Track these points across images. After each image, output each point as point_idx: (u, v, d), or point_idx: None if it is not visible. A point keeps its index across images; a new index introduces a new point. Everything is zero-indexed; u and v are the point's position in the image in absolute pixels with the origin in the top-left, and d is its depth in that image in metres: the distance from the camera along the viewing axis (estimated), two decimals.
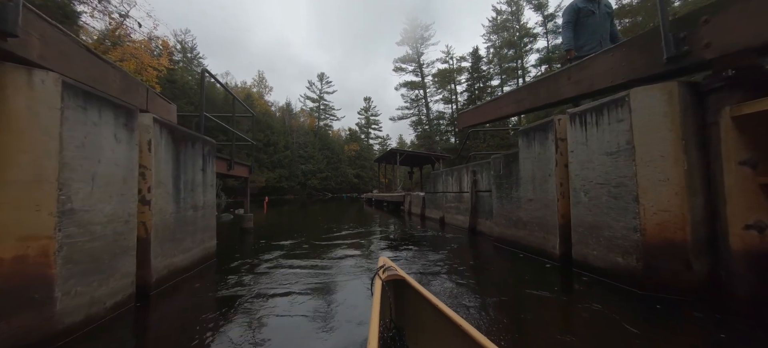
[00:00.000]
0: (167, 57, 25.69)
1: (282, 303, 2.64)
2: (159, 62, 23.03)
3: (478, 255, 4.67)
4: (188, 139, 3.65)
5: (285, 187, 47.09)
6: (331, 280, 3.36)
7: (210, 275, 3.66)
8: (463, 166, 7.19)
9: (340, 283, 3.25)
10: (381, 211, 15.87)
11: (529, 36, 42.75)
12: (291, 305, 2.59)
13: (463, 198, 7.10)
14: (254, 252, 4.98)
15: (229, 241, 6.20)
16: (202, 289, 3.15)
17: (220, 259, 4.33)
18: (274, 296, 2.82)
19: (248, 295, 2.85)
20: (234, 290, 3.03)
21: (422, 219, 10.17)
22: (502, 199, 4.92)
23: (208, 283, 3.37)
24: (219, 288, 3.13)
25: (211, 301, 2.78)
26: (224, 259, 4.41)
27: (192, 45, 47.25)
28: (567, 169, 3.62)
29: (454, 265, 3.95)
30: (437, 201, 9.12)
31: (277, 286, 3.15)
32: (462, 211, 7.14)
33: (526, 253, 4.22)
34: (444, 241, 5.81)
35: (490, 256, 4.53)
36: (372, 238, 6.26)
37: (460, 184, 7.36)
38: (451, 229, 7.32)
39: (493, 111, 5.64)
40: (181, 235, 3.45)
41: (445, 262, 4.14)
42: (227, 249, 5.22)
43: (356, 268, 3.85)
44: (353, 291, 2.95)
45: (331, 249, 5.19)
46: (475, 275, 3.59)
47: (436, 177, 9.18)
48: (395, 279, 1.86)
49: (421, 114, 54.28)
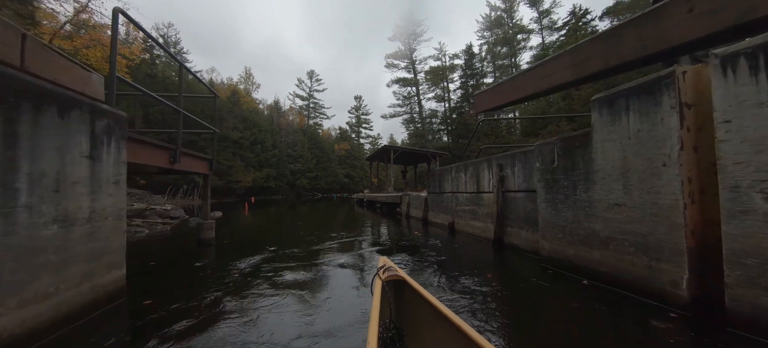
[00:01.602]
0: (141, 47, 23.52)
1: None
2: (130, 50, 21.02)
3: (524, 285, 3.17)
4: (44, 100, 2.05)
5: (273, 187, 45.03)
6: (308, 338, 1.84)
7: (102, 330, 2.08)
8: (483, 160, 5.70)
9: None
10: (374, 213, 14.31)
11: (524, 32, 41.87)
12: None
13: (483, 200, 5.62)
14: (199, 281, 3.38)
15: (173, 260, 4.58)
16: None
17: (136, 295, 2.75)
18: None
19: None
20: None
21: (424, 224, 8.67)
22: (556, 202, 3.44)
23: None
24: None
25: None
26: (146, 292, 2.82)
27: (176, 39, 44.82)
28: (696, 154, 2.16)
29: (492, 302, 2.46)
30: (444, 203, 7.63)
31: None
32: (481, 217, 5.66)
33: (608, 286, 2.75)
34: (461, 258, 4.32)
35: (546, 288, 3.03)
36: (365, 252, 4.72)
37: (476, 182, 5.88)
38: (465, 239, 5.84)
39: (527, 85, 4.15)
40: (27, 270, 1.86)
41: (475, 294, 2.64)
42: (160, 275, 3.62)
43: (344, 309, 2.31)
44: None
45: (311, 271, 3.63)
46: (535, 324, 2.09)
47: (443, 174, 7.70)
48: (395, 279, 1.85)
49: (413, 112, 52.99)
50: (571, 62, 3.44)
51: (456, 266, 3.91)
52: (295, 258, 4.45)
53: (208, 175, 5.74)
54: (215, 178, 34.84)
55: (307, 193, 50.78)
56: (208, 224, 5.70)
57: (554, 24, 37.89)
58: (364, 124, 66.89)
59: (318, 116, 64.42)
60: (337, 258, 4.43)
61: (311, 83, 62.75)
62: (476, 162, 5.94)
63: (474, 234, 5.91)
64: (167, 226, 8.61)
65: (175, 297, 2.78)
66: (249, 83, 56.07)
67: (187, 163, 4.88)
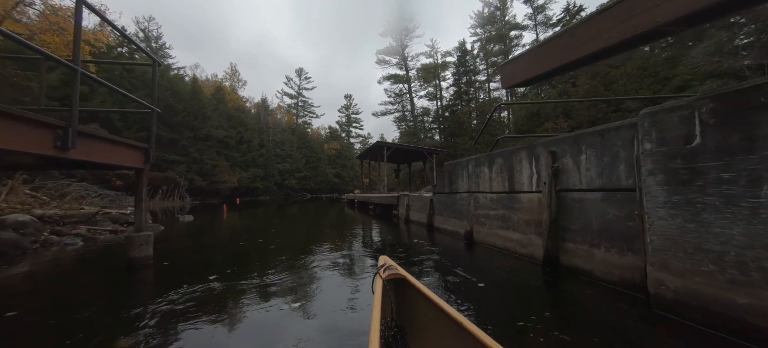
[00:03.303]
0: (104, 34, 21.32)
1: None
2: (95, 35, 18.98)
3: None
4: None
5: (260, 188, 42.98)
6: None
7: None
8: (519, 148, 4.24)
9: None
10: (366, 215, 12.78)
11: (518, 29, 40.92)
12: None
13: (520, 203, 4.16)
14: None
15: (60, 301, 2.95)
16: None
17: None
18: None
19: None
20: None
21: (429, 230, 7.18)
22: (699, 210, 1.98)
23: None
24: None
25: None
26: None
27: (157, 34, 42.27)
28: None
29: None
30: (457, 206, 6.15)
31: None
32: (517, 226, 4.21)
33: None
34: (493, 284, 2.85)
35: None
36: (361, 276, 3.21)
37: (509, 178, 4.43)
38: (490, 254, 4.39)
39: (571, 49, 2.69)
40: None
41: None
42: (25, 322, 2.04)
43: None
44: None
45: (271, 322, 2.09)
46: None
47: (455, 170, 6.23)
48: (396, 278, 1.84)
49: (405, 110, 51.58)
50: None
51: (488, 298, 2.47)
52: (266, 282, 2.89)
53: (143, 170, 4.13)
54: (198, 179, 32.56)
55: (296, 194, 48.92)
56: (141, 238, 4.07)
57: (549, 20, 37.03)
58: (354, 124, 65.24)
59: (307, 115, 62.56)
60: (318, 291, 2.90)
61: (300, 81, 60.83)
62: (508, 152, 4.48)
63: (506, 248, 4.44)
64: (120, 234, 6.92)
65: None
66: (235, 80, 53.86)
67: (99, 150, 3.28)
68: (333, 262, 4.18)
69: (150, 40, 41.34)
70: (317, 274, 3.61)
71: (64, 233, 6.13)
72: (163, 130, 30.40)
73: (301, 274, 3.62)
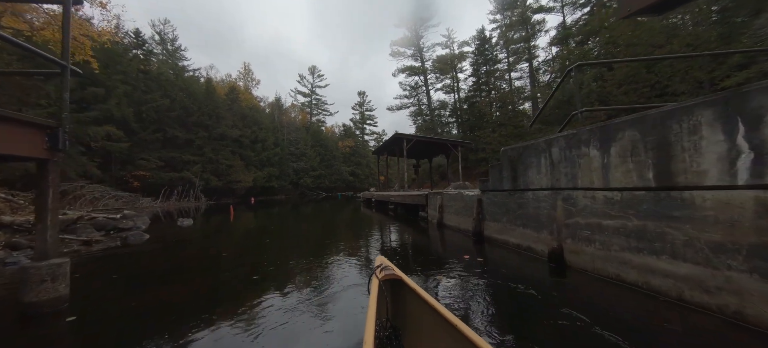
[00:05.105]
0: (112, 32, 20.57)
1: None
2: (98, 32, 18.21)
3: None
4: None
5: (275, 187, 42.20)
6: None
7: None
8: (701, 104, 2.56)
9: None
10: (385, 216, 11.31)
11: (543, 11, 38.20)
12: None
13: (696, 209, 2.55)
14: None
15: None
16: None
17: None
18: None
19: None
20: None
21: (477, 241, 5.54)
22: None
23: None
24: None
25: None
26: None
27: (173, 36, 41.70)
28: None
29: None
30: (528, 209, 4.55)
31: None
32: (681, 251, 2.61)
33: None
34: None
35: None
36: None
37: (660, 163, 2.81)
38: (606, 291, 2.83)
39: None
40: None
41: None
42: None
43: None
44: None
45: None
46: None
47: (524, 156, 4.61)
48: (392, 278, 1.80)
49: (421, 103, 49.64)
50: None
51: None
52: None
53: (49, 162, 2.71)
54: (213, 179, 31.77)
55: (311, 192, 48.03)
56: (45, 271, 2.62)
57: (577, 0, 34.34)
58: (368, 120, 63.81)
59: (321, 113, 61.57)
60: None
61: (313, 79, 59.84)
62: (657, 116, 2.81)
63: (649, 286, 2.81)
64: (96, 246, 5.71)
65: None
66: (248, 79, 53.38)
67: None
68: (360, 279, 2.71)
69: (165, 43, 40.91)
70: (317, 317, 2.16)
71: (22, 246, 4.92)
72: (179, 130, 29.93)
73: (313, 300, 2.17)
